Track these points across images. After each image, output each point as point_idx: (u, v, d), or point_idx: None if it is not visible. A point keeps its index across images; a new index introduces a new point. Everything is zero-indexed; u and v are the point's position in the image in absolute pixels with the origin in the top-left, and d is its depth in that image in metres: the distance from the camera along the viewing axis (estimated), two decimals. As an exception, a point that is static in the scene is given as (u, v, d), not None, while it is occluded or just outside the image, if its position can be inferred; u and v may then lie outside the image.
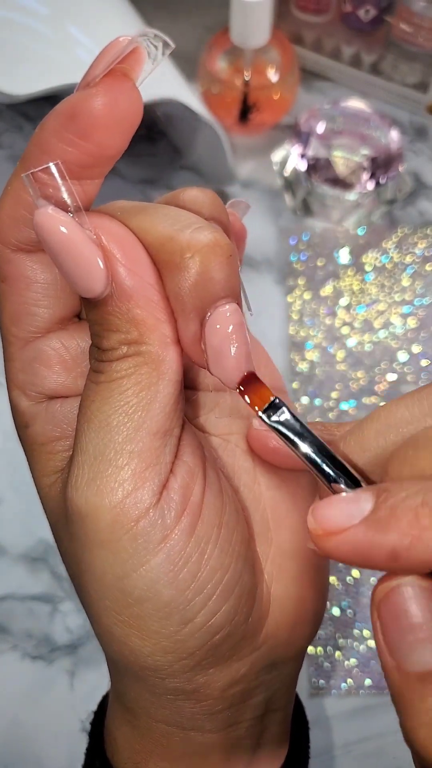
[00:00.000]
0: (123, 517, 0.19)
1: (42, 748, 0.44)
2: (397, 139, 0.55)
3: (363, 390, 0.52)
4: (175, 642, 0.20)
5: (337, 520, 0.17)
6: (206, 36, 0.59)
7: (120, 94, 0.18)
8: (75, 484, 0.19)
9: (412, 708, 0.16)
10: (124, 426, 0.19)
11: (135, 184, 0.60)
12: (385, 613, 0.16)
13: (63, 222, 0.18)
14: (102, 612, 0.20)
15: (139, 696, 0.22)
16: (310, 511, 0.17)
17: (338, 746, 0.43)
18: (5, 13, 0.45)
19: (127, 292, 0.18)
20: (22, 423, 0.22)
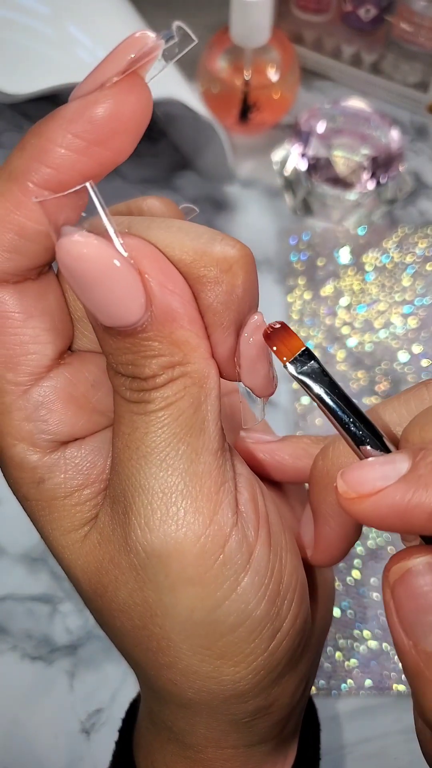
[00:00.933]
0: (210, 545, 0.18)
1: (42, 749, 0.44)
2: (397, 139, 0.55)
3: (363, 390, 0.52)
4: (266, 658, 0.19)
5: (372, 481, 0.16)
6: (206, 36, 0.59)
7: (140, 97, 0.17)
8: (147, 526, 0.18)
9: (429, 687, 0.16)
10: (186, 452, 0.18)
11: (135, 184, 0.60)
12: (401, 593, 0.16)
13: (100, 248, 0.16)
14: (186, 653, 0.19)
15: (210, 729, 0.21)
16: (339, 476, 0.17)
17: (339, 747, 0.43)
18: (5, 13, 0.45)
19: (171, 315, 0.17)
20: (32, 479, 0.19)
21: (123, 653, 0.21)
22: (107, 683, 0.45)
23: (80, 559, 0.19)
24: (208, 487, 0.18)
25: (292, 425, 0.51)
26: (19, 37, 0.44)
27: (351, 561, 0.47)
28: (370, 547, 0.47)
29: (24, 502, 0.20)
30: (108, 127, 0.16)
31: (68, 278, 0.16)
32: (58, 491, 0.19)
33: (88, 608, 0.21)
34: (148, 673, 0.20)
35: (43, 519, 0.20)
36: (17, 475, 0.19)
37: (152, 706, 0.22)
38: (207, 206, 0.59)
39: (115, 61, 0.16)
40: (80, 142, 0.16)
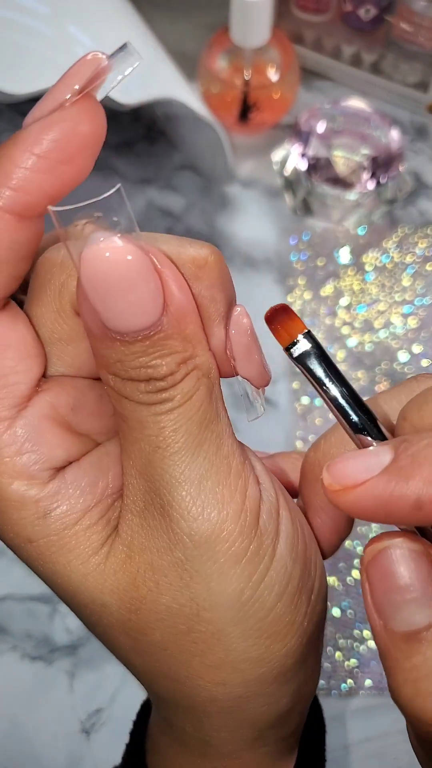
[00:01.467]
0: (249, 519, 0.19)
1: (42, 749, 0.44)
2: (397, 139, 0.55)
3: (363, 390, 0.52)
4: (306, 625, 0.20)
5: (355, 473, 0.16)
6: (206, 35, 0.59)
7: (98, 115, 0.17)
8: (191, 516, 0.18)
9: (397, 666, 0.16)
10: (211, 438, 0.18)
11: (135, 184, 0.60)
12: (374, 573, 0.17)
13: (138, 252, 0.16)
14: (238, 641, 0.19)
15: (234, 734, 0.22)
16: (325, 468, 0.17)
17: (338, 747, 0.43)
18: (5, 13, 0.45)
19: (184, 312, 0.17)
20: (37, 514, 0.19)
21: (153, 679, 0.21)
22: (107, 683, 0.46)
23: (109, 579, 0.19)
24: (235, 465, 0.19)
25: (292, 425, 0.51)
26: (19, 37, 0.44)
27: (351, 561, 0.47)
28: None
29: (27, 548, 0.19)
30: (73, 145, 0.17)
31: (94, 286, 0.16)
32: (66, 519, 0.19)
33: (111, 641, 0.20)
34: (188, 687, 0.20)
35: (54, 556, 0.19)
36: (18, 517, 0.19)
37: (173, 719, 0.22)
38: (207, 206, 0.59)
39: (70, 82, 0.17)
40: (46, 162, 0.17)
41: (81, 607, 0.20)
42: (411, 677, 0.16)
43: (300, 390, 0.52)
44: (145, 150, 0.62)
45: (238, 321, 0.19)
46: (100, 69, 0.17)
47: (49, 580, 0.20)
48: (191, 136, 0.57)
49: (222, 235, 0.58)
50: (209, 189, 0.60)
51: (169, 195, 0.60)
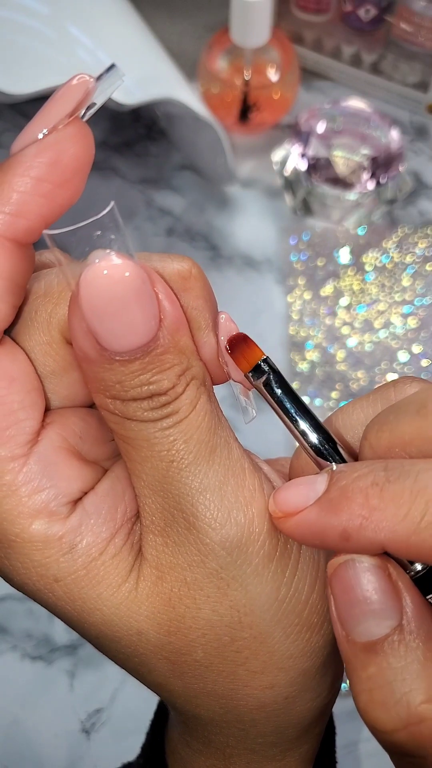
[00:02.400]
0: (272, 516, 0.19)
1: (42, 748, 0.44)
2: (397, 139, 0.55)
3: (363, 390, 0.52)
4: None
5: (294, 502, 0.17)
6: (206, 36, 0.59)
7: (89, 138, 0.17)
8: (218, 523, 0.18)
9: (355, 676, 0.17)
10: (221, 443, 0.19)
11: (135, 184, 0.60)
12: (336, 585, 0.17)
13: (137, 269, 0.16)
14: (281, 639, 0.19)
15: (299, 741, 0.22)
16: (272, 495, 0.18)
17: (341, 746, 0.43)
18: (5, 13, 0.45)
19: (177, 325, 0.18)
20: (62, 550, 0.18)
21: (194, 700, 0.20)
22: (107, 683, 0.46)
23: (143, 604, 0.19)
24: (248, 466, 0.19)
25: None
26: (19, 37, 0.44)
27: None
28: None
29: (53, 589, 0.18)
30: (68, 168, 0.17)
31: (94, 306, 0.16)
32: (92, 550, 0.18)
33: (148, 671, 0.20)
34: (235, 699, 0.20)
35: (84, 591, 0.18)
36: (42, 557, 0.18)
37: (213, 737, 0.22)
38: (207, 206, 0.59)
39: (59, 106, 0.17)
40: (43, 186, 0.17)
41: (115, 641, 0.19)
42: (366, 687, 0.16)
43: (300, 390, 0.52)
44: (145, 150, 0.62)
45: (227, 327, 0.19)
46: (88, 91, 0.17)
47: (78, 619, 0.19)
48: (191, 136, 0.57)
49: (222, 235, 0.58)
50: (209, 189, 0.60)
51: (169, 195, 0.60)
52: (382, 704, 0.16)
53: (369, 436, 0.18)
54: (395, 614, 0.16)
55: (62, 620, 0.20)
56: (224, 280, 0.57)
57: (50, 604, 0.19)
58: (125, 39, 0.49)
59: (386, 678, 0.16)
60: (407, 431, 0.17)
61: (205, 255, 0.57)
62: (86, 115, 0.17)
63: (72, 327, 0.17)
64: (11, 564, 0.19)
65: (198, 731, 0.22)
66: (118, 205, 0.16)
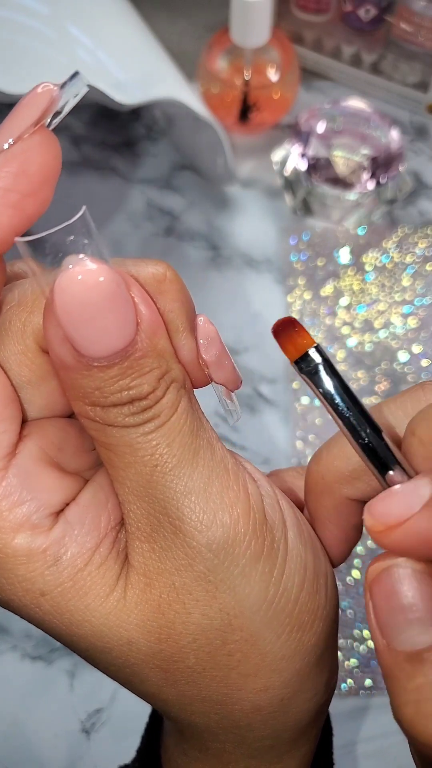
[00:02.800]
0: (258, 516, 0.19)
1: (42, 748, 0.44)
2: (397, 139, 0.55)
3: (363, 390, 0.52)
4: (328, 609, 0.20)
5: (397, 512, 0.16)
6: (206, 36, 0.59)
7: (56, 146, 0.17)
8: (204, 525, 0.18)
9: (399, 687, 0.16)
10: (204, 444, 0.18)
11: (134, 184, 0.60)
12: (377, 592, 0.17)
13: (112, 273, 0.16)
14: (272, 640, 0.19)
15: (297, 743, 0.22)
16: (366, 509, 0.17)
17: (339, 747, 0.43)
18: (5, 13, 0.45)
19: (154, 328, 0.17)
20: (46, 563, 0.18)
21: (188, 707, 0.20)
22: (107, 683, 0.46)
23: (132, 613, 0.18)
24: (231, 467, 0.19)
25: (292, 425, 0.51)
26: (19, 37, 0.44)
27: (351, 561, 0.47)
28: (370, 546, 0.47)
29: (40, 603, 0.18)
30: (36, 177, 0.17)
31: (69, 312, 0.16)
32: (77, 561, 0.18)
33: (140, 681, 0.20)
34: (229, 704, 0.20)
35: (71, 603, 0.18)
36: (26, 571, 0.18)
37: (210, 744, 0.22)
38: (207, 206, 0.59)
39: (24, 115, 0.17)
40: (11, 196, 0.16)
41: (105, 652, 0.19)
42: (413, 698, 0.16)
43: (300, 390, 0.52)
44: (145, 150, 0.62)
45: (206, 329, 0.19)
46: (53, 99, 0.17)
47: (67, 632, 0.19)
48: (191, 136, 0.57)
49: (222, 235, 0.58)
50: (209, 189, 0.60)
51: (169, 195, 0.60)
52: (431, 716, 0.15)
53: (418, 432, 0.18)
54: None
55: (50, 635, 0.19)
56: (224, 280, 0.57)
57: (37, 618, 0.19)
58: (125, 39, 0.49)
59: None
60: None
61: (205, 255, 0.57)
62: (52, 123, 0.17)
63: (47, 334, 0.17)
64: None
65: (194, 739, 0.22)
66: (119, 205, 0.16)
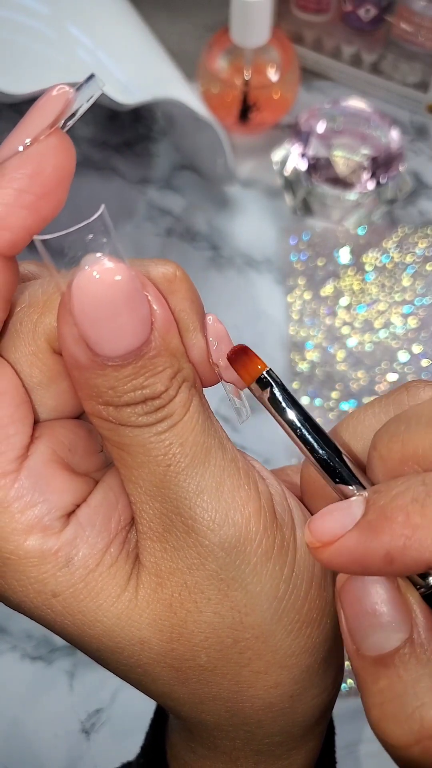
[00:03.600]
0: (268, 514, 0.19)
1: (42, 748, 0.44)
2: (397, 139, 0.55)
3: (363, 390, 0.52)
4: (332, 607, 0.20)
5: (331, 530, 0.17)
6: (206, 36, 0.59)
7: (70, 149, 0.17)
8: (216, 524, 0.18)
9: (367, 689, 0.16)
10: (216, 444, 0.18)
11: (134, 184, 0.60)
12: (346, 598, 0.17)
13: (130, 272, 0.16)
14: (282, 637, 0.19)
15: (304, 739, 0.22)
16: (306, 526, 0.17)
17: (341, 747, 0.43)
18: (5, 13, 0.45)
19: (167, 327, 0.17)
20: (58, 564, 0.18)
21: (199, 706, 0.20)
22: (107, 683, 0.46)
23: (144, 612, 0.18)
24: (242, 465, 0.19)
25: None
26: (19, 37, 0.44)
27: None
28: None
29: (51, 604, 0.18)
30: (51, 178, 0.17)
31: (86, 311, 0.16)
32: (89, 561, 0.18)
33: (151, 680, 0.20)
34: (240, 701, 0.20)
35: (83, 604, 0.18)
36: (38, 572, 0.18)
37: (219, 741, 0.22)
38: (207, 206, 0.59)
39: (39, 117, 0.17)
40: (26, 197, 0.16)
41: (117, 652, 0.19)
42: (378, 701, 0.16)
43: (300, 390, 0.52)
44: (145, 150, 0.62)
45: (215, 328, 0.19)
46: (68, 102, 0.17)
47: (79, 634, 0.19)
48: (191, 136, 0.57)
49: (222, 235, 0.58)
50: (209, 189, 0.60)
51: (169, 195, 0.60)
52: (393, 718, 0.16)
53: (379, 447, 0.18)
54: (405, 627, 0.16)
55: (62, 636, 0.19)
56: (224, 280, 0.57)
57: (49, 620, 0.19)
58: (125, 39, 0.49)
59: (397, 691, 0.16)
60: (420, 444, 0.17)
61: (205, 255, 0.57)
62: (66, 125, 0.17)
63: (62, 333, 0.17)
64: (7, 583, 0.18)
65: (203, 737, 0.22)
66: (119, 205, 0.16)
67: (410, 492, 0.16)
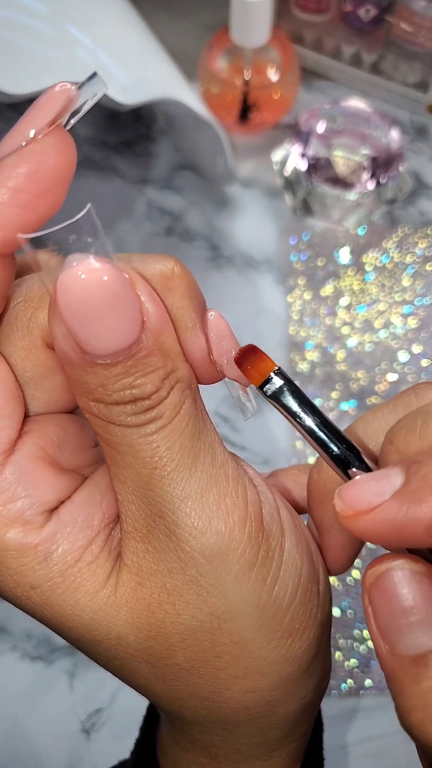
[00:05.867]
0: (255, 524, 0.18)
1: (42, 748, 0.44)
2: (397, 139, 0.55)
3: (363, 390, 0.52)
4: (320, 617, 0.20)
5: (368, 498, 0.16)
6: (206, 36, 0.59)
7: (71, 147, 0.17)
8: (198, 531, 0.18)
9: (406, 691, 0.16)
10: (204, 449, 0.18)
11: (134, 184, 0.60)
12: (377, 597, 0.17)
13: (116, 272, 0.16)
14: (261, 645, 0.19)
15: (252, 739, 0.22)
16: (336, 494, 0.17)
17: (339, 747, 0.43)
18: (5, 13, 0.45)
19: (160, 326, 0.17)
20: (37, 559, 0.18)
21: (177, 702, 0.20)
22: (107, 683, 0.46)
23: (122, 609, 0.19)
24: (232, 472, 0.19)
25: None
26: (19, 37, 0.44)
27: (351, 561, 0.47)
28: (370, 547, 0.47)
29: (30, 596, 0.19)
30: (49, 177, 0.16)
31: (72, 310, 0.16)
32: (68, 558, 0.18)
33: (130, 672, 0.20)
34: (217, 701, 0.20)
35: (61, 598, 0.18)
36: (17, 565, 0.18)
37: (198, 736, 0.22)
38: (207, 206, 0.59)
39: (41, 115, 0.17)
40: (23, 197, 0.16)
41: (95, 644, 0.19)
42: (421, 703, 0.15)
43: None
44: (145, 150, 0.62)
45: (216, 324, 0.19)
46: (70, 99, 0.17)
47: (57, 624, 0.19)
48: (191, 136, 0.57)
49: (222, 235, 0.58)
50: (209, 189, 0.60)
51: (169, 195, 0.60)
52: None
53: (396, 441, 0.18)
54: None
55: (43, 624, 0.20)
56: (224, 280, 0.57)
57: (29, 609, 0.19)
58: (125, 39, 0.49)
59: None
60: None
61: (205, 255, 0.57)
62: (69, 123, 0.17)
63: (52, 329, 0.17)
64: None
65: (184, 730, 0.22)
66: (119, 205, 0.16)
67: None
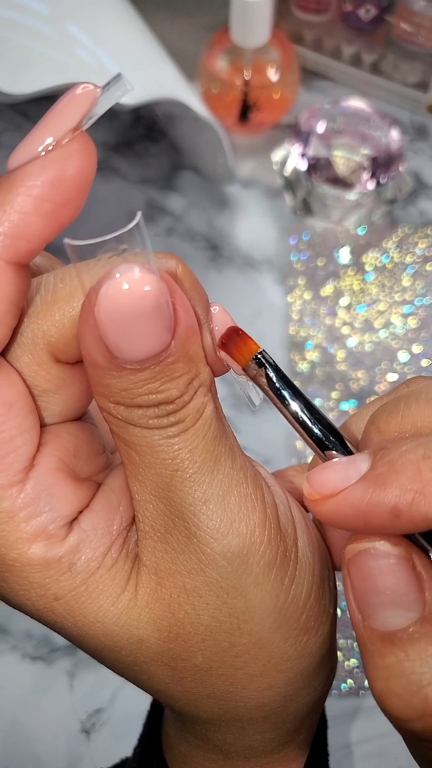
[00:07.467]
0: (273, 525, 0.19)
1: (42, 749, 0.44)
2: (397, 139, 0.55)
3: (363, 390, 0.52)
4: (331, 614, 0.20)
5: (333, 482, 0.16)
6: (206, 36, 0.59)
7: (93, 153, 0.16)
8: (220, 533, 0.18)
9: (371, 662, 0.16)
10: (226, 452, 0.18)
11: (135, 184, 0.60)
12: (354, 573, 0.17)
13: (158, 282, 0.16)
14: (279, 644, 0.19)
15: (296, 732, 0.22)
16: (306, 478, 0.17)
17: (339, 747, 0.43)
18: (5, 12, 0.45)
19: (189, 333, 0.17)
20: (61, 570, 0.18)
21: (194, 703, 0.20)
22: (107, 683, 0.46)
23: (143, 611, 0.19)
24: (250, 475, 0.19)
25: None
26: (19, 37, 0.44)
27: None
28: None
29: (53, 607, 0.18)
30: (73, 186, 0.16)
31: (113, 320, 0.16)
32: (90, 566, 0.18)
33: (147, 678, 0.20)
34: (234, 701, 0.20)
35: (84, 606, 0.18)
36: (41, 578, 0.18)
37: (211, 735, 0.22)
38: (207, 206, 0.59)
39: (64, 118, 0.16)
40: (46, 206, 0.16)
41: (115, 650, 0.19)
42: (383, 675, 0.16)
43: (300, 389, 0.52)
44: (145, 150, 0.62)
45: (221, 318, 0.19)
46: (93, 102, 0.16)
47: (79, 633, 0.19)
48: (191, 136, 0.57)
49: (222, 235, 0.58)
50: (209, 189, 0.60)
51: (169, 195, 0.60)
52: (398, 694, 0.16)
53: (377, 421, 0.18)
54: (417, 606, 0.16)
55: (62, 635, 0.20)
56: (224, 280, 0.57)
57: (50, 621, 0.19)
58: (125, 39, 0.49)
59: (404, 669, 0.16)
60: (419, 417, 0.17)
61: (205, 255, 0.57)
62: (85, 125, 0.16)
63: (82, 333, 0.17)
64: (9, 586, 0.18)
65: (196, 729, 0.22)
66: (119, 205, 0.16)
67: (421, 449, 0.16)
